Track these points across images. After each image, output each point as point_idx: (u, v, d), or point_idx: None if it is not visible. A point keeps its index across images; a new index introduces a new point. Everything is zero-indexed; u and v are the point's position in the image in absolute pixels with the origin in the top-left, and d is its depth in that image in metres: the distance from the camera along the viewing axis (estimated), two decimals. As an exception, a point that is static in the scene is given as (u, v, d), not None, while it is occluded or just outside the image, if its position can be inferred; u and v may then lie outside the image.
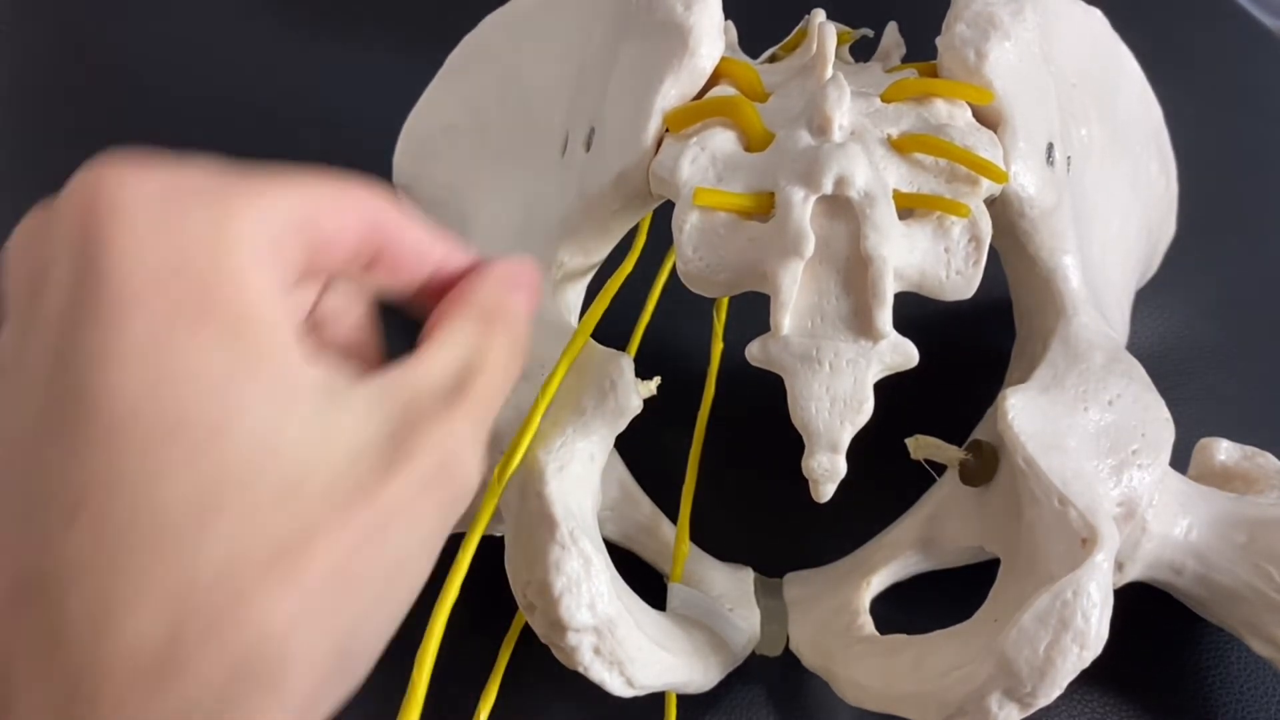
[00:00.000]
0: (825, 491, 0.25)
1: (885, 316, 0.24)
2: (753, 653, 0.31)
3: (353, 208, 0.19)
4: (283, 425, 0.17)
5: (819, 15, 0.32)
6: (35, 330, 0.17)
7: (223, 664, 0.15)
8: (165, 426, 0.16)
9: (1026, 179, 0.27)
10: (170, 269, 0.16)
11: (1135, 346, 0.32)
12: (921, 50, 0.31)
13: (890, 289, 0.24)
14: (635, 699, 0.27)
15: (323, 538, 0.16)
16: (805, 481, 0.25)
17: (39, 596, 0.15)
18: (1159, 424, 0.27)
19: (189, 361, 0.16)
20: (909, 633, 0.28)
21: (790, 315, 0.24)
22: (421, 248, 0.21)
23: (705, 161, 0.26)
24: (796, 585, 0.33)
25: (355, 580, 0.17)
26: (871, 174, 0.24)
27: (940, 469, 0.32)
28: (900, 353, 0.24)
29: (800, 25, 0.33)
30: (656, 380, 0.27)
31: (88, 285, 0.16)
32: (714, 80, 0.28)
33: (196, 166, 0.18)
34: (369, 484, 0.17)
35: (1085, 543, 0.24)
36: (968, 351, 0.39)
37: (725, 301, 0.38)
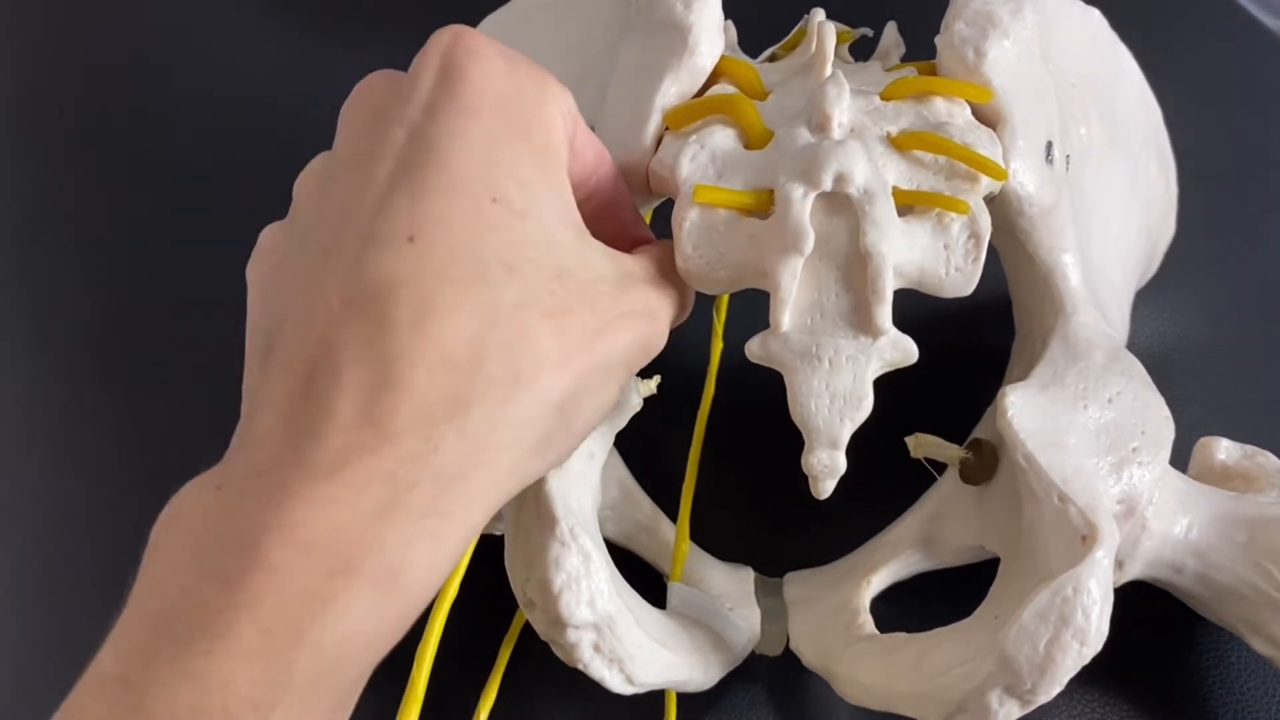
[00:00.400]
0: (825, 488, 0.25)
1: (885, 313, 0.24)
2: (753, 652, 0.31)
3: (594, 140, 0.25)
4: (562, 232, 0.22)
5: (819, 14, 0.32)
6: (391, 123, 0.21)
7: (506, 369, 0.20)
8: (489, 195, 0.21)
9: (1025, 177, 0.27)
10: (508, 99, 0.21)
11: (1135, 346, 0.32)
12: (921, 49, 0.31)
13: (890, 286, 0.24)
14: (635, 698, 0.27)
15: (577, 315, 0.21)
16: (805, 480, 0.25)
17: (371, 298, 0.19)
18: (1159, 422, 0.27)
19: (512, 159, 0.21)
20: (909, 632, 0.28)
21: (790, 312, 0.24)
22: (622, 206, 0.26)
23: (705, 159, 0.26)
24: (796, 585, 0.32)
25: (591, 355, 0.22)
26: (871, 171, 0.24)
27: (940, 467, 0.32)
28: (900, 349, 0.24)
29: (800, 24, 0.33)
30: (656, 379, 0.27)
31: (449, 92, 0.21)
32: (714, 79, 0.28)
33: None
34: (606, 298, 0.22)
35: (1085, 540, 0.24)
36: (968, 350, 0.39)
37: (725, 300, 0.38)
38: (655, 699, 0.29)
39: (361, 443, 0.19)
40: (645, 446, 0.32)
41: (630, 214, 0.27)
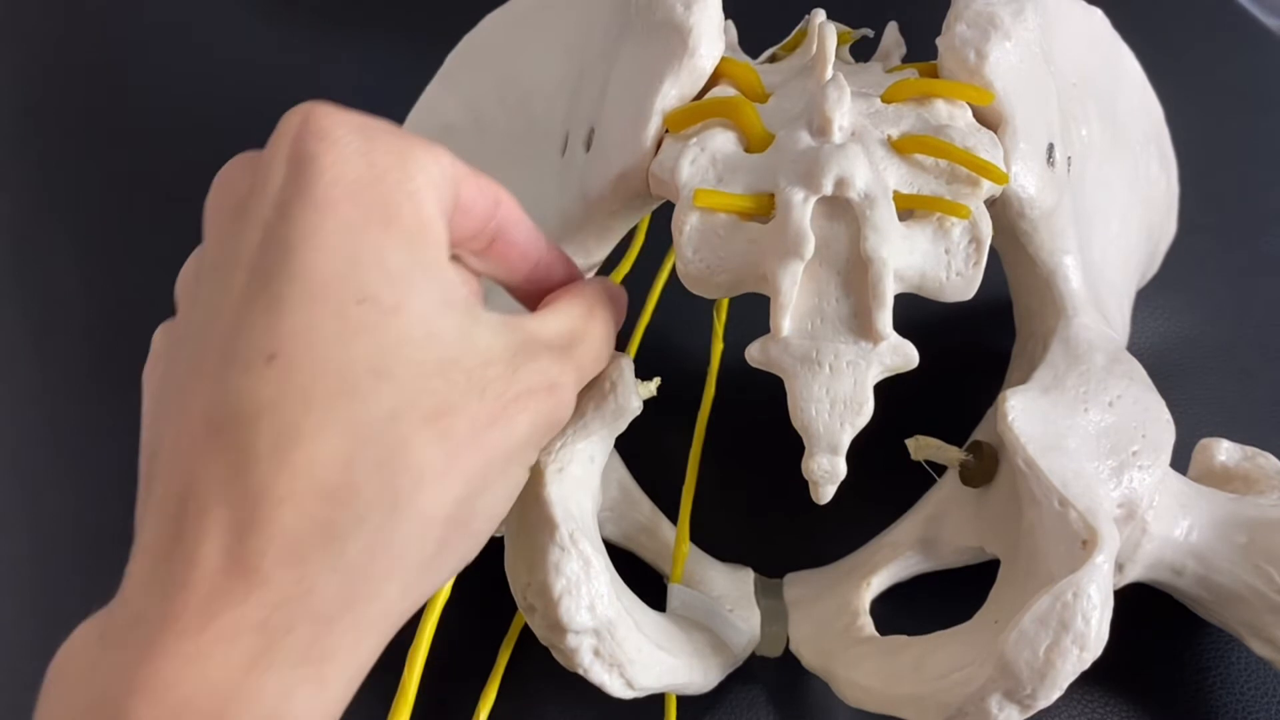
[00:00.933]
0: (825, 493, 0.25)
1: (885, 318, 0.24)
2: (753, 654, 0.31)
3: (482, 188, 0.23)
4: (442, 318, 0.20)
5: (819, 15, 0.32)
6: (247, 223, 0.20)
7: (383, 491, 0.19)
8: (354, 298, 0.19)
9: (1027, 180, 0.27)
10: (366, 183, 0.20)
11: (1135, 346, 0.32)
12: (921, 50, 0.31)
13: (890, 290, 0.24)
14: (635, 701, 0.27)
15: (464, 411, 0.20)
16: (805, 482, 0.25)
17: (232, 427, 0.18)
18: (1159, 425, 0.27)
19: (377, 252, 0.20)
20: (909, 633, 0.28)
21: (790, 317, 0.24)
22: (531, 243, 0.25)
23: (705, 162, 0.26)
24: (796, 586, 0.33)
25: (483, 451, 0.20)
26: (871, 175, 0.24)
27: (940, 470, 0.32)
28: (900, 354, 0.24)
29: (800, 25, 0.33)
30: (656, 381, 0.27)
31: (300, 185, 0.19)
32: (714, 80, 0.28)
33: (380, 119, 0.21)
34: (498, 382, 0.21)
35: (1085, 544, 0.24)
36: (968, 352, 0.39)
37: (725, 302, 0.38)
38: (656, 701, 0.29)
39: (230, 590, 0.18)
40: (645, 448, 0.32)
41: (546, 252, 0.25)
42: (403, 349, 0.20)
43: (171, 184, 0.47)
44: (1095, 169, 0.33)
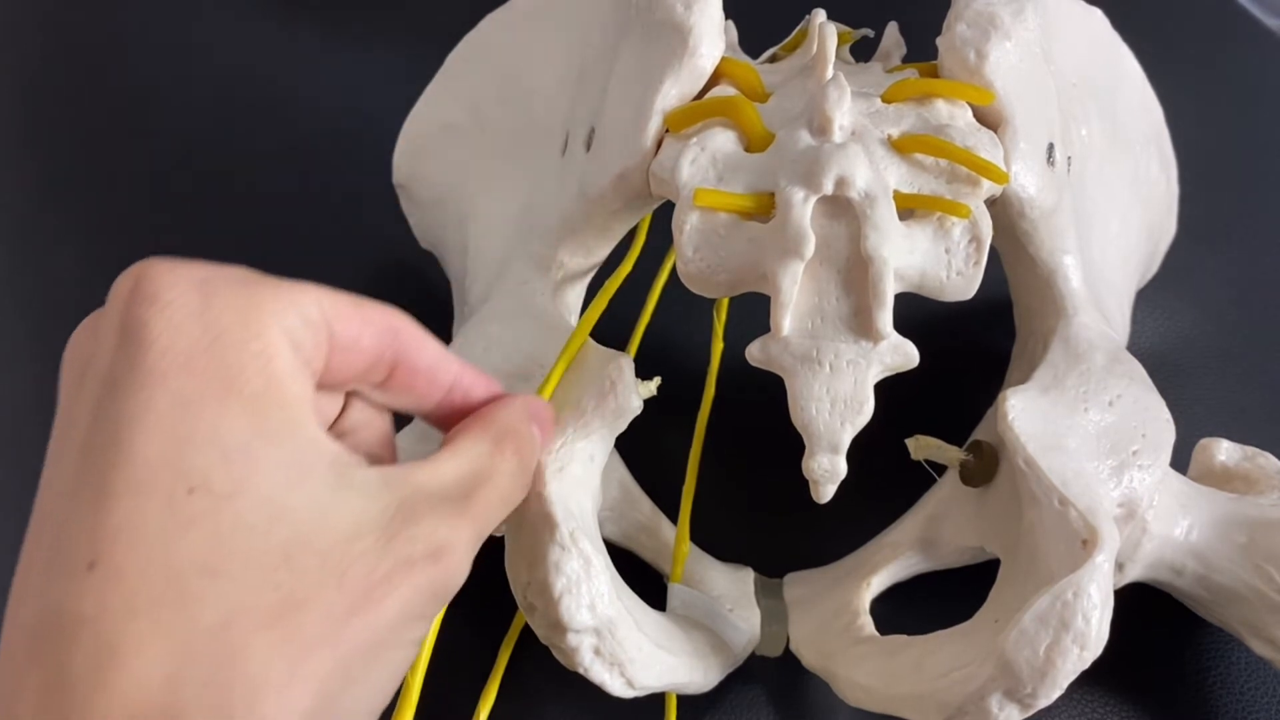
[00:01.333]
0: (825, 493, 0.25)
1: (886, 317, 0.24)
2: (753, 653, 0.31)
3: (369, 319, 0.21)
4: (293, 493, 0.18)
5: (819, 15, 0.32)
6: (79, 402, 0.18)
7: (212, 711, 0.16)
8: (184, 486, 0.17)
9: (1027, 179, 0.27)
10: (202, 348, 0.18)
11: (1135, 346, 0.32)
12: (922, 50, 0.31)
13: (891, 290, 0.24)
14: (635, 700, 0.27)
15: (315, 603, 0.17)
16: (805, 482, 0.25)
17: (51, 639, 0.16)
18: (1159, 425, 0.27)
19: (211, 429, 0.17)
20: (909, 633, 0.28)
21: (790, 316, 0.24)
22: (436, 368, 0.22)
23: (705, 162, 0.26)
24: (797, 585, 0.33)
25: (340, 646, 0.18)
26: (872, 174, 0.24)
27: (940, 469, 0.32)
28: (901, 354, 0.24)
29: (800, 25, 0.33)
30: (656, 380, 0.27)
31: (126, 360, 0.18)
32: (714, 80, 0.28)
33: (230, 267, 0.19)
34: (365, 559, 0.18)
35: (1085, 544, 0.24)
36: (968, 352, 0.39)
37: (725, 302, 0.38)
38: (656, 700, 0.29)
39: None
40: (645, 447, 0.32)
41: (461, 373, 0.23)
42: (239, 540, 0.17)
43: (172, 184, 0.48)
44: (1095, 169, 0.33)
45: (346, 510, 0.18)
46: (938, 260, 0.25)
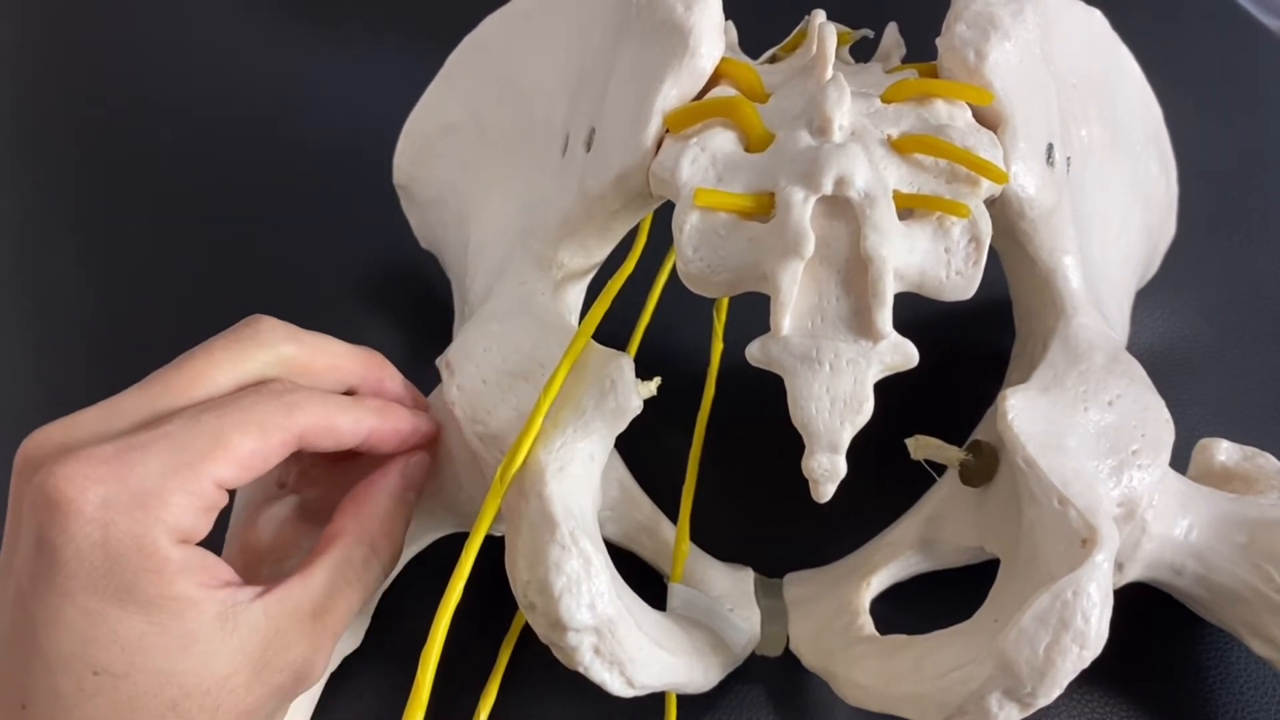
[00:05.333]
0: (825, 492, 0.25)
1: (885, 317, 0.24)
2: (753, 653, 0.31)
3: (273, 440, 0.24)
4: (180, 660, 0.22)
5: (819, 16, 0.32)
6: (9, 582, 0.23)
7: None
8: (89, 670, 0.22)
9: (1026, 179, 0.27)
10: (103, 573, 0.22)
11: (1135, 346, 0.32)
12: (921, 50, 0.31)
13: (890, 289, 0.24)
14: (635, 699, 0.27)
15: None
16: (805, 481, 0.25)
17: None
18: (1159, 424, 0.27)
19: (111, 631, 0.22)
20: (909, 633, 0.28)
21: (790, 315, 0.24)
22: (348, 438, 0.26)
23: (705, 162, 0.26)
24: (796, 585, 0.33)
25: None
26: (871, 174, 0.24)
27: (940, 469, 0.32)
28: (900, 353, 0.24)
29: (800, 26, 0.33)
30: (656, 380, 0.27)
31: (42, 572, 0.22)
32: (714, 81, 0.28)
33: (140, 462, 0.22)
34: (237, 692, 0.23)
35: (1085, 543, 0.24)
36: (968, 351, 0.39)
37: (725, 301, 0.38)
38: (655, 700, 0.29)
39: None
40: (645, 447, 0.32)
41: (364, 436, 0.27)
42: (136, 703, 0.22)
43: (171, 184, 0.48)
44: (1095, 169, 0.33)
45: (226, 655, 0.23)
46: (937, 260, 0.25)
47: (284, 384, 0.25)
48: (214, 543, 0.25)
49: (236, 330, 0.26)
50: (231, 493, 0.24)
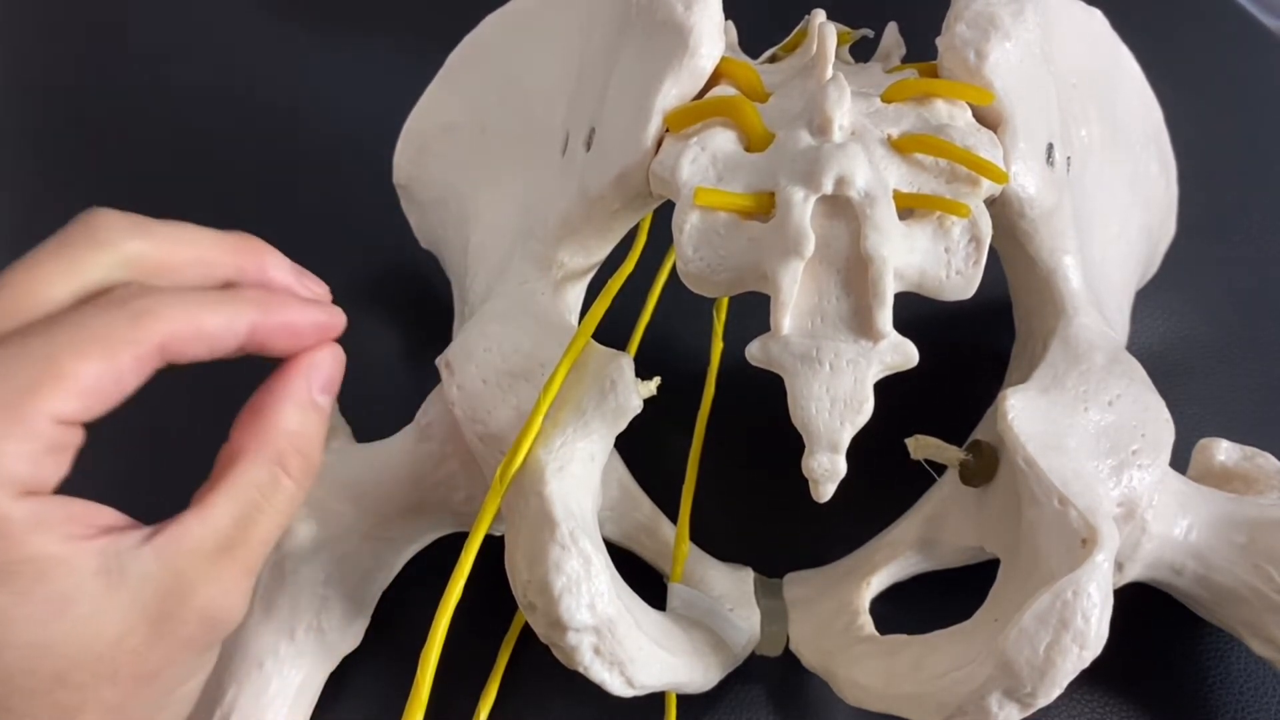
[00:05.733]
0: (825, 492, 0.25)
1: (886, 317, 0.24)
2: (753, 653, 0.31)
3: (122, 358, 0.20)
4: (54, 628, 0.20)
5: (819, 15, 0.32)
6: None
7: None
8: None
9: (1027, 179, 0.27)
10: None
11: (1135, 346, 0.32)
12: (922, 50, 0.31)
13: (890, 289, 0.24)
14: (635, 699, 0.27)
15: (91, 705, 0.20)
16: (805, 481, 0.25)
17: None
18: (1159, 424, 0.27)
19: None
20: (909, 633, 0.28)
21: (790, 315, 0.24)
22: (224, 340, 0.22)
23: (705, 161, 0.26)
24: (796, 585, 0.33)
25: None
26: (872, 174, 0.24)
27: (940, 469, 0.32)
28: (900, 353, 0.24)
29: (800, 25, 0.33)
30: (656, 380, 0.27)
31: None
32: (714, 80, 0.28)
33: None
34: (135, 653, 0.20)
35: (1085, 543, 0.24)
36: (968, 351, 0.39)
37: (725, 301, 0.38)
38: (655, 700, 0.29)
39: None
40: (645, 447, 0.32)
41: (243, 333, 0.22)
42: (15, 682, 0.20)
43: (171, 185, 0.48)
44: (1095, 169, 0.33)
45: (114, 612, 0.20)
46: (937, 260, 0.25)
47: (132, 288, 0.21)
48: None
49: (66, 231, 0.22)
50: (89, 426, 0.21)
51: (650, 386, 0.27)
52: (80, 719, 0.20)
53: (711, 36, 0.27)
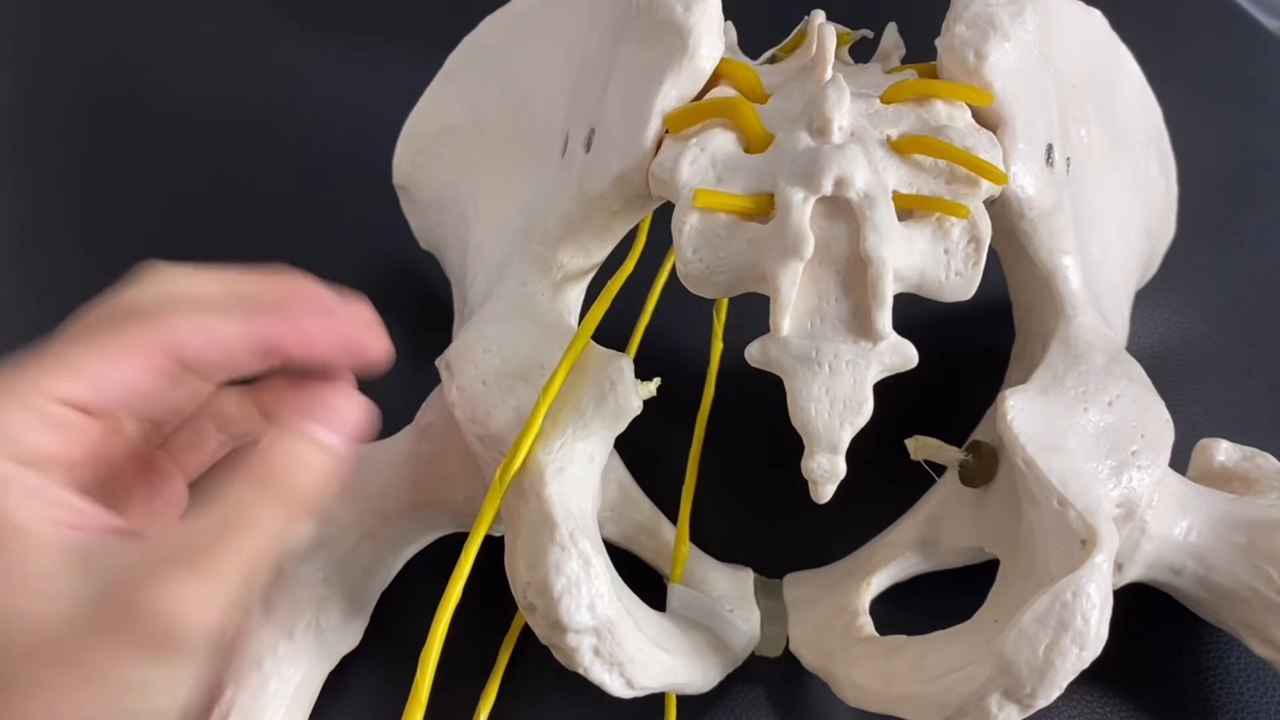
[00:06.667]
0: (825, 492, 0.25)
1: (885, 318, 0.24)
2: (752, 654, 0.31)
3: (133, 348, 0.21)
4: (13, 601, 0.19)
5: (819, 16, 0.32)
6: None
7: None
8: None
9: (1026, 180, 0.27)
10: None
11: (1135, 347, 0.32)
12: (921, 51, 0.31)
13: (890, 290, 0.24)
14: (635, 700, 0.27)
15: (31, 682, 0.19)
16: (805, 482, 0.25)
17: None
18: (1159, 425, 0.27)
19: None
20: (909, 633, 0.28)
21: (790, 316, 0.24)
22: (239, 348, 0.23)
23: (705, 163, 0.26)
24: (796, 586, 0.33)
25: None
26: (871, 175, 0.24)
27: (940, 470, 0.32)
28: (900, 354, 0.24)
29: (800, 26, 0.33)
30: (656, 381, 0.27)
31: None
32: (714, 81, 0.28)
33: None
34: (84, 642, 0.19)
35: (1085, 544, 0.24)
36: (968, 352, 0.39)
37: (725, 302, 0.38)
38: (655, 700, 0.29)
39: None
40: (645, 448, 0.32)
41: (256, 342, 0.23)
42: None
43: (172, 185, 0.48)
44: (1095, 170, 0.33)
45: (68, 598, 0.20)
46: (937, 260, 0.25)
47: (145, 292, 0.22)
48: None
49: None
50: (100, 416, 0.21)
51: (650, 387, 0.27)
52: (20, 694, 0.19)
53: (711, 37, 0.27)
